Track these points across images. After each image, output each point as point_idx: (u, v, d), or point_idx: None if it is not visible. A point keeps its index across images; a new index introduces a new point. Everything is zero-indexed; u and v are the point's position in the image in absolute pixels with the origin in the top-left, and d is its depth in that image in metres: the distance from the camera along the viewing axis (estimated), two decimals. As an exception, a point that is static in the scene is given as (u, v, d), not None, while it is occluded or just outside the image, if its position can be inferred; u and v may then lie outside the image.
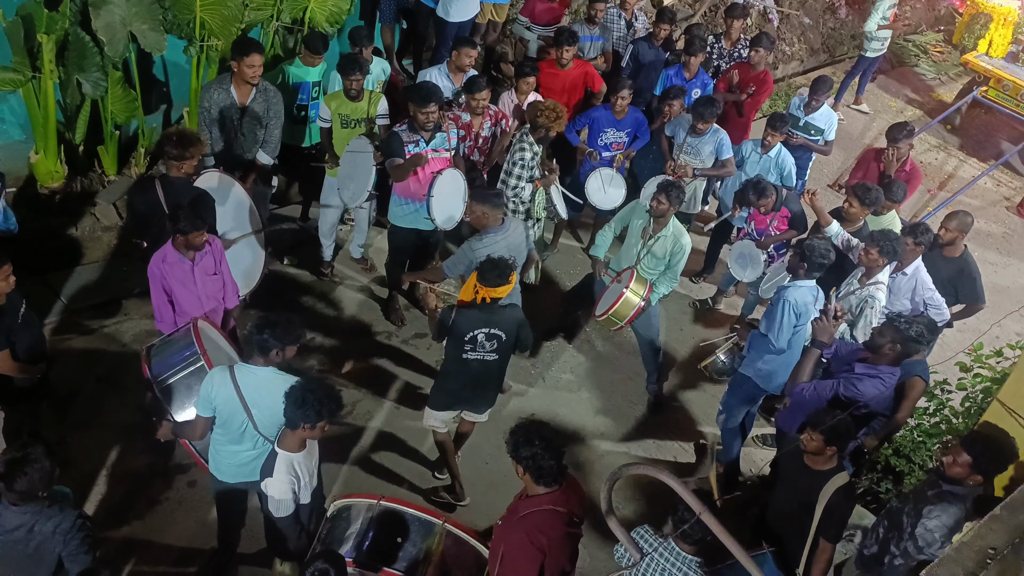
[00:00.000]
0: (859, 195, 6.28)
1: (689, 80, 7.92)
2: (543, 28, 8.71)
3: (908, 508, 4.44)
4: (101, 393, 5.97)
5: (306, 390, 4.00)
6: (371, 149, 6.28)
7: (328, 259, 7.31)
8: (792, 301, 5.44)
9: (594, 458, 6.30)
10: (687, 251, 6.18)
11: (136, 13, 6.37)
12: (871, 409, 4.95)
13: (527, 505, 3.95)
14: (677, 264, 6.22)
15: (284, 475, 4.14)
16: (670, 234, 6.15)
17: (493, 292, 5.01)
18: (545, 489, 3.92)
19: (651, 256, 6.23)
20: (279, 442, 4.18)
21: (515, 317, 5.19)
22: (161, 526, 5.28)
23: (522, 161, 6.65)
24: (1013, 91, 11.10)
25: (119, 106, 6.80)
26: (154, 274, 5.09)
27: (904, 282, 6.04)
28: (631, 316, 6.17)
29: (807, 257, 5.44)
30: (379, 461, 5.95)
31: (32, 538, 3.68)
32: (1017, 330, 7.48)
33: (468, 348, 5.07)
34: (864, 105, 11.82)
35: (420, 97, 6.02)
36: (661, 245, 6.18)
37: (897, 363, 4.97)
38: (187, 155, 5.40)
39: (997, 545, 2.54)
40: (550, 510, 3.90)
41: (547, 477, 3.88)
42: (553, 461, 3.86)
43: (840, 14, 13.06)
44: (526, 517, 3.92)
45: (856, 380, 4.92)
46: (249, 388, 4.28)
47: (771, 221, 6.88)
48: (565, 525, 3.95)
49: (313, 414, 3.99)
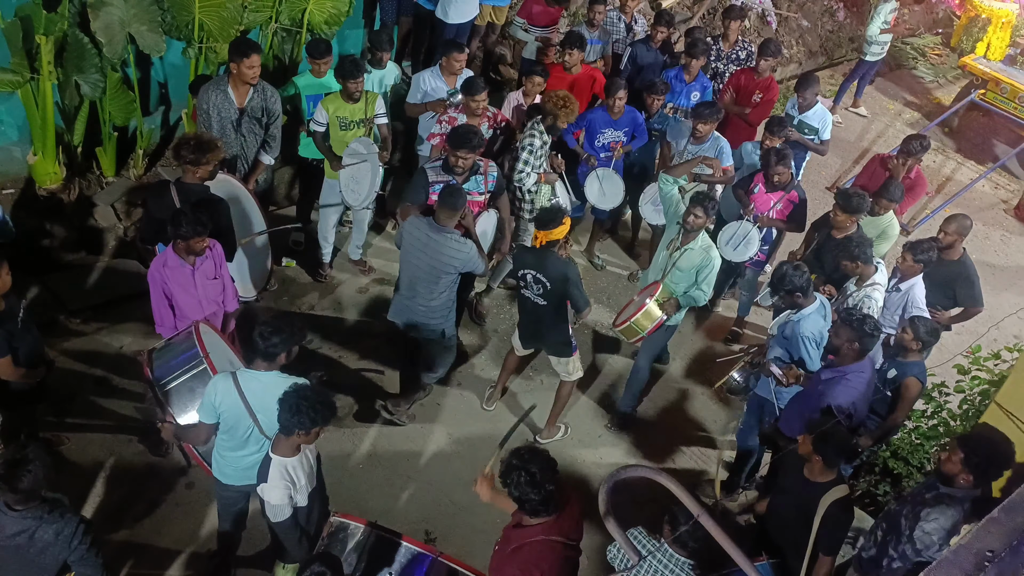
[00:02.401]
0: (841, 204, 6.24)
1: (689, 83, 7.92)
2: (540, 30, 8.72)
3: (906, 511, 4.44)
4: (99, 395, 5.96)
5: (300, 397, 3.99)
6: (375, 149, 6.27)
7: (327, 261, 7.32)
8: (809, 335, 5.45)
9: (592, 461, 6.30)
10: (716, 265, 5.94)
11: (135, 15, 6.38)
12: (856, 413, 4.96)
13: (519, 536, 3.84)
14: (705, 279, 5.94)
15: (279, 480, 4.14)
16: (699, 247, 5.93)
17: (549, 235, 5.52)
18: (537, 520, 3.82)
19: (677, 270, 5.99)
20: (273, 447, 4.17)
21: (561, 271, 5.55)
22: (160, 528, 5.28)
23: (531, 147, 6.58)
24: (1011, 94, 11.11)
25: (117, 107, 6.80)
26: (155, 278, 5.09)
27: (897, 298, 6.05)
28: (652, 328, 5.94)
29: (791, 291, 5.39)
30: (376, 465, 5.95)
31: (33, 544, 3.68)
32: (1015, 332, 7.50)
33: (523, 285, 5.74)
34: (862, 108, 11.84)
35: (453, 141, 5.84)
36: (688, 259, 5.94)
37: (861, 359, 5.00)
38: (203, 160, 5.37)
39: (995, 547, 2.54)
40: (542, 540, 3.78)
41: (533, 510, 3.79)
42: (537, 496, 3.73)
43: (838, 17, 13.08)
44: (518, 550, 3.81)
45: (825, 388, 4.97)
46: (253, 394, 4.28)
47: (775, 203, 6.83)
48: (560, 552, 3.83)
49: (308, 421, 3.99)
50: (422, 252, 5.50)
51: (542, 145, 6.64)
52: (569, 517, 3.93)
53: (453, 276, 5.60)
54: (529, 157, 6.59)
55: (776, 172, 6.73)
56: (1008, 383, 5.03)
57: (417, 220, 5.52)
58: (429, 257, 5.49)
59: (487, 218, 6.22)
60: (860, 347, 4.95)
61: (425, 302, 5.65)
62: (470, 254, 5.50)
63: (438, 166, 6.02)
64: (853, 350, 4.96)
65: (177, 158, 5.45)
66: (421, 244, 5.49)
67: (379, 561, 4.23)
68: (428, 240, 5.46)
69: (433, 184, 5.94)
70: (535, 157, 6.61)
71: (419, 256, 5.52)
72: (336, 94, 6.55)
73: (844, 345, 4.98)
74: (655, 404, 6.87)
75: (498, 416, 6.38)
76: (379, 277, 7.41)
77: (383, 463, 5.96)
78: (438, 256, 5.47)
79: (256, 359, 4.34)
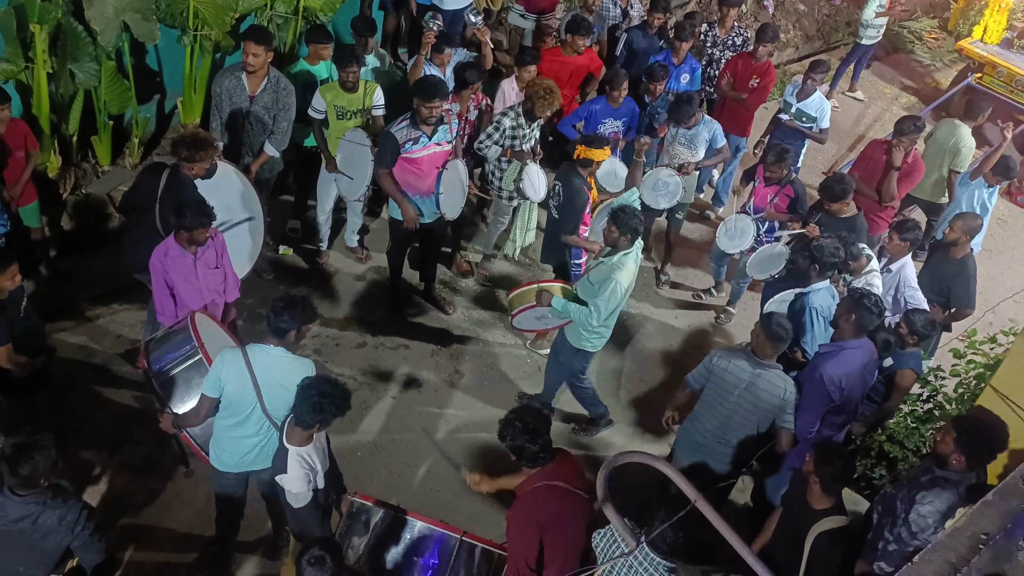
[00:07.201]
0: (826, 196, 6.42)
1: (677, 65, 7.91)
2: (538, 15, 8.69)
3: (902, 494, 4.46)
4: (99, 383, 5.97)
5: (320, 395, 4.03)
6: (368, 143, 6.28)
7: (323, 248, 7.32)
8: (817, 307, 5.54)
9: (589, 447, 6.33)
10: (617, 290, 5.38)
11: (129, 3, 6.36)
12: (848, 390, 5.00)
13: (523, 486, 4.14)
14: (600, 297, 5.39)
15: (298, 469, 4.19)
16: (608, 264, 5.47)
17: (588, 152, 6.16)
18: (536, 469, 4.10)
19: (587, 278, 5.61)
20: (287, 438, 4.20)
21: (574, 187, 6.21)
22: (160, 515, 5.31)
23: (498, 123, 6.68)
24: (1007, 78, 11.07)
25: (112, 96, 6.78)
26: (156, 268, 5.10)
27: (888, 279, 6.11)
28: (521, 308, 5.72)
29: (818, 258, 5.54)
30: (376, 452, 5.97)
31: (36, 529, 3.70)
32: (1010, 316, 7.51)
33: (551, 195, 6.44)
34: (859, 92, 11.80)
35: (426, 92, 5.95)
36: (597, 271, 5.53)
37: (860, 335, 5.06)
38: (198, 158, 5.40)
39: (990, 530, 2.56)
40: (543, 485, 4.04)
41: (530, 460, 4.07)
42: (534, 444, 4.02)
43: (835, 1, 13.04)
44: (523, 496, 4.11)
45: (820, 360, 5.05)
46: (261, 367, 4.30)
47: (772, 197, 6.85)
48: (563, 498, 4.02)
49: (330, 417, 4.10)
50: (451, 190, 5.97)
51: (514, 127, 6.70)
52: (569, 464, 4.21)
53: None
54: (492, 131, 6.69)
55: (770, 169, 6.77)
56: (1003, 367, 5.04)
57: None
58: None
59: (458, 166, 6.36)
60: (858, 321, 5.01)
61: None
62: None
63: (405, 125, 6.08)
64: (851, 324, 5.03)
65: (174, 153, 5.48)
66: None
67: (401, 541, 4.44)
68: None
69: (406, 142, 6.05)
70: (499, 134, 6.68)
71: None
72: (334, 83, 6.55)
73: (842, 317, 5.07)
74: (654, 390, 6.88)
75: (497, 402, 6.38)
76: (375, 264, 7.41)
77: (382, 451, 5.98)
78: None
79: (266, 335, 4.38)
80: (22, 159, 5.89)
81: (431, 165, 6.19)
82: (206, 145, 5.45)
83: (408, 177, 6.20)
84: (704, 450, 5.13)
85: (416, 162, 6.17)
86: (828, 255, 5.54)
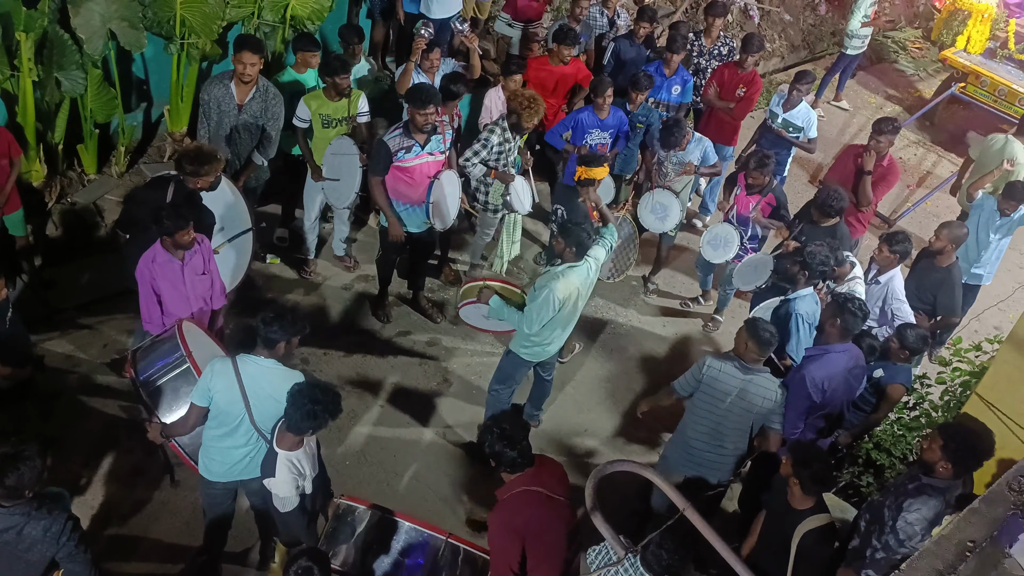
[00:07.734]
0: (822, 210, 6.42)
1: (669, 77, 7.94)
2: (525, 24, 8.71)
3: (889, 501, 4.47)
4: (85, 393, 5.93)
5: (312, 401, 4.04)
6: (356, 151, 6.27)
7: (311, 257, 7.30)
8: (803, 313, 5.61)
9: (578, 455, 6.33)
10: (550, 300, 5.23)
11: (115, 11, 6.33)
12: (830, 394, 5.06)
13: (503, 492, 4.14)
14: (532, 304, 5.30)
15: (287, 474, 4.19)
16: (547, 274, 5.39)
17: (588, 172, 6.17)
18: (516, 474, 4.09)
19: (533, 285, 5.51)
20: (277, 443, 4.20)
21: (582, 213, 6.48)
22: (147, 526, 5.27)
23: (485, 141, 6.62)
24: (991, 87, 11.18)
25: (99, 105, 6.74)
26: (143, 274, 5.07)
27: (876, 290, 6.14)
28: (466, 301, 5.72)
29: (809, 265, 5.60)
30: (363, 461, 5.95)
31: (21, 540, 3.67)
32: (995, 324, 7.57)
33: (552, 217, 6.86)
34: (844, 102, 11.89)
35: (420, 99, 5.92)
36: (540, 279, 5.44)
37: (845, 338, 5.15)
38: (202, 172, 5.39)
39: (976, 538, 2.57)
40: (522, 491, 4.05)
41: (509, 465, 4.06)
42: (511, 451, 4.01)
43: (820, 11, 13.13)
44: (502, 502, 4.11)
45: (805, 363, 5.14)
46: (250, 377, 4.29)
47: (754, 206, 6.89)
48: (542, 504, 4.03)
49: (323, 423, 4.10)
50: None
51: (501, 143, 6.65)
52: (549, 471, 4.21)
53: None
54: (480, 149, 6.63)
55: (751, 176, 6.79)
56: (989, 374, 5.07)
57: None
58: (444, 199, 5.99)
59: (450, 177, 6.30)
60: (843, 325, 5.10)
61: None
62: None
63: (398, 134, 6.06)
64: (836, 328, 5.13)
65: (179, 169, 5.46)
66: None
67: (387, 542, 4.44)
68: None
69: (399, 151, 6.03)
70: (487, 151, 6.64)
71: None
72: (319, 92, 6.53)
73: (828, 322, 5.18)
74: (642, 399, 6.86)
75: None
76: (363, 273, 7.40)
77: (370, 459, 5.96)
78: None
79: (257, 346, 4.36)
80: (6, 167, 5.85)
81: (423, 175, 6.18)
82: (211, 159, 5.45)
83: (399, 186, 6.20)
84: (699, 460, 5.12)
85: (408, 171, 6.16)
86: (819, 263, 5.61)
